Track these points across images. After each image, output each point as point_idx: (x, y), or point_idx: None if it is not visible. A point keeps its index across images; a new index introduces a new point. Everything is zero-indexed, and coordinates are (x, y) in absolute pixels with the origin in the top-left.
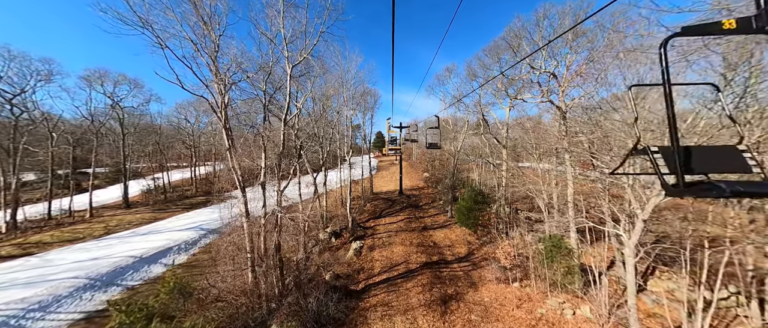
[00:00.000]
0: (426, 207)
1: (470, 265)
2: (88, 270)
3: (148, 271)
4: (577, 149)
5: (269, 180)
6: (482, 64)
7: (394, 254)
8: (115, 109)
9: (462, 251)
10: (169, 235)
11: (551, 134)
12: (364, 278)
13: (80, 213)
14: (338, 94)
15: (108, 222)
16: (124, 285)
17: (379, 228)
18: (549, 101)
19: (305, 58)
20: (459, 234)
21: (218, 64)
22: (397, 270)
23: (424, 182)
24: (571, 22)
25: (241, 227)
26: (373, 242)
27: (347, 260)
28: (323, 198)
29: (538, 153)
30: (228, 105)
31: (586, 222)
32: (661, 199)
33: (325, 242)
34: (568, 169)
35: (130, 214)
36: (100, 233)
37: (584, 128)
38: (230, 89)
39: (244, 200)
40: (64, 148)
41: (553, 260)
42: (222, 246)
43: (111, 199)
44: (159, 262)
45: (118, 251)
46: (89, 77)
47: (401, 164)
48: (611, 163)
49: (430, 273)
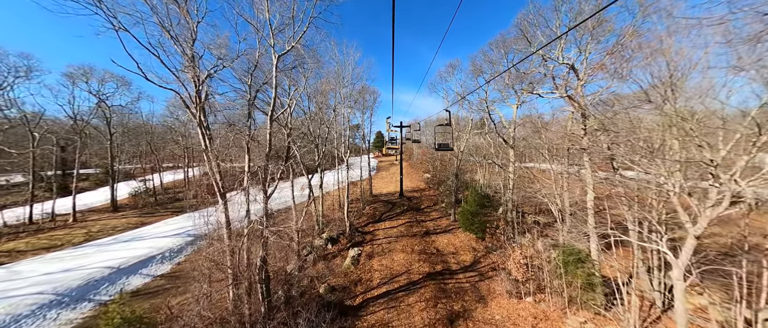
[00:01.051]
0: (428, 210)
1: (477, 275)
2: (57, 284)
3: (125, 283)
4: (598, 149)
5: (254, 185)
6: (488, 59)
7: (394, 263)
8: (101, 107)
9: (467, 259)
10: (153, 242)
11: (567, 133)
12: (362, 290)
13: (64, 217)
14: (335, 92)
15: (90, 227)
16: (97, 300)
17: (378, 233)
18: (567, 97)
19: (294, 47)
20: (463, 240)
21: (195, 53)
22: (398, 282)
23: (426, 184)
24: (592, 8)
25: (219, 240)
26: (372, 249)
27: (344, 269)
28: (319, 201)
29: (549, 154)
30: (205, 100)
31: (615, 234)
32: (720, 211)
33: (320, 249)
34: (588, 171)
35: (116, 218)
36: (79, 240)
37: (611, 126)
38: (207, 81)
39: (224, 209)
40: (51, 149)
41: (570, 272)
42: (197, 262)
43: (99, 202)
44: (139, 273)
45: (94, 261)
46: (72, 74)
47: (401, 165)
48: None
49: (434, 285)
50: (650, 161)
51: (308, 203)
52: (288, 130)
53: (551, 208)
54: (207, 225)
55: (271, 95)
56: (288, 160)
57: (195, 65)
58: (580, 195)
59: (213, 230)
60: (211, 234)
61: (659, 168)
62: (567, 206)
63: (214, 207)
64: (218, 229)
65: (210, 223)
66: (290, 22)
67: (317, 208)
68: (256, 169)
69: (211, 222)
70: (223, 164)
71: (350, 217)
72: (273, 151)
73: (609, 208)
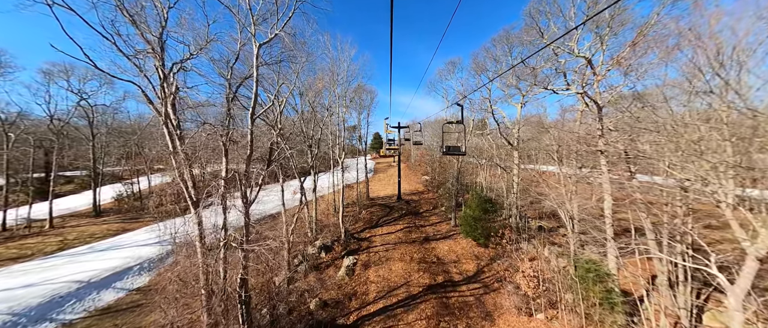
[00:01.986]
0: (427, 214)
1: (482, 287)
2: (15, 302)
3: (96, 299)
4: (617, 150)
5: (232, 192)
6: (491, 56)
7: (392, 274)
8: (83, 107)
9: (470, 268)
10: (131, 251)
11: (577, 133)
12: (357, 306)
13: (41, 223)
14: (329, 89)
15: (67, 235)
16: (60, 320)
17: (375, 240)
18: (583, 93)
19: (277, 35)
20: (465, 246)
21: (163, 41)
22: (396, 295)
23: (424, 186)
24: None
25: (189, 257)
26: (369, 258)
27: (338, 280)
28: (313, 206)
29: (558, 156)
30: (175, 95)
31: (645, 250)
32: None
33: (313, 258)
34: (605, 175)
35: (96, 224)
36: (52, 249)
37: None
38: (179, 75)
39: (197, 220)
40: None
41: (587, 287)
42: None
43: (82, 206)
44: (112, 286)
45: (62, 274)
46: (49, 71)
47: (399, 167)
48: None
49: (436, 300)
50: (697, 165)
51: (300, 208)
52: (277, 131)
53: (560, 214)
54: (173, 240)
55: (263, 96)
56: (270, 165)
57: (160, 53)
58: (596, 201)
59: (183, 243)
60: (178, 251)
61: (708, 173)
62: (576, 212)
63: (183, 217)
64: (189, 244)
65: (179, 235)
66: (274, 9)
67: (310, 213)
68: (232, 174)
69: (182, 235)
70: (198, 171)
71: (346, 222)
72: (258, 154)
73: (633, 218)
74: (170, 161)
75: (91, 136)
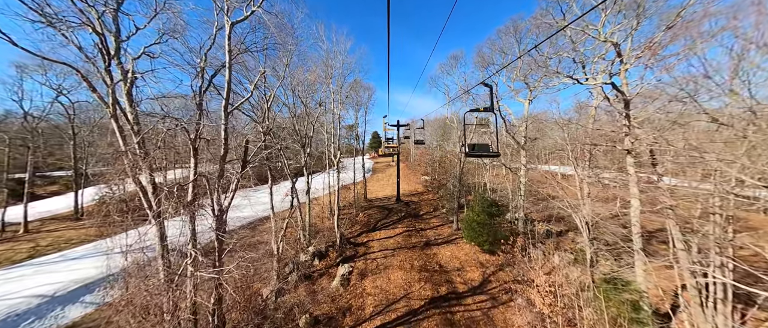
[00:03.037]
0: (427, 217)
1: (489, 300)
2: None
3: (59, 316)
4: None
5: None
6: (497, 48)
7: (391, 284)
8: (62, 103)
9: (475, 278)
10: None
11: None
12: (352, 324)
13: (16, 227)
14: (325, 84)
15: (40, 241)
16: None
17: (373, 245)
18: (610, 84)
19: (254, 12)
20: (468, 252)
21: (120, 23)
22: (396, 310)
23: (424, 187)
24: None
25: (147, 278)
26: (365, 265)
27: (331, 292)
28: (306, 209)
29: (573, 155)
30: (132, 84)
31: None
32: None
33: (305, 266)
34: (632, 176)
35: (75, 229)
36: (21, 257)
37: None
38: (137, 60)
39: (159, 232)
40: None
41: (610, 305)
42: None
43: (64, 208)
44: (80, 300)
45: (26, 286)
46: (23, 65)
47: (399, 167)
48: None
49: (439, 316)
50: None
51: (290, 213)
52: (264, 128)
53: (576, 219)
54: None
55: (234, 81)
56: (246, 166)
57: (101, 27)
58: (620, 205)
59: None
60: (132, 271)
61: None
62: (590, 218)
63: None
64: (148, 262)
65: (132, 250)
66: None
67: (303, 216)
68: (198, 177)
69: (136, 250)
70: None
71: (341, 226)
72: (235, 155)
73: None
74: (120, 162)
75: (72, 133)
